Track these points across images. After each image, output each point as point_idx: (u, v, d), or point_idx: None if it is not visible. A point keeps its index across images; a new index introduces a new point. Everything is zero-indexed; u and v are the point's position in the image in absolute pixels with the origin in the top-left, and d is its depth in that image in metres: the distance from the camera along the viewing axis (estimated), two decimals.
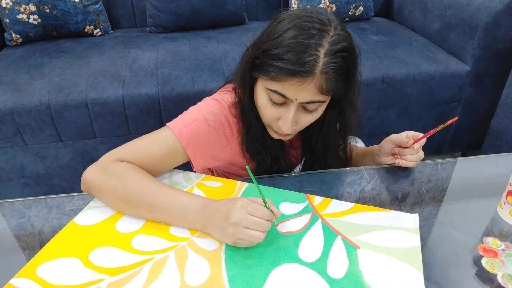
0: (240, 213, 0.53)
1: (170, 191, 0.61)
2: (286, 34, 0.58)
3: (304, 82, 0.58)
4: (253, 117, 0.69)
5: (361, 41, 1.66)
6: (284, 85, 0.59)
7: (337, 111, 0.70)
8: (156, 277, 0.51)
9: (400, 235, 0.59)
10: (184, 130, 0.66)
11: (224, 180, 0.72)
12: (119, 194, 0.61)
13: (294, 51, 0.56)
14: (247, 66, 0.64)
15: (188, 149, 0.67)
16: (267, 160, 0.75)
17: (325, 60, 0.57)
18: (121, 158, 0.64)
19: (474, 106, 1.61)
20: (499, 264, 0.55)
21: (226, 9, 1.75)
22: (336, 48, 0.58)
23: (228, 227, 0.53)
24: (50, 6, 1.56)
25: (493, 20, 1.40)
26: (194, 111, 0.70)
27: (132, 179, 0.61)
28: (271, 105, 0.63)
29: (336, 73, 0.58)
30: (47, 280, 0.51)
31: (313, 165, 0.83)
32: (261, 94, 0.64)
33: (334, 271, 0.52)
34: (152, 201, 0.60)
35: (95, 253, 0.55)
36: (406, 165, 0.74)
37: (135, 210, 0.61)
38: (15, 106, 1.27)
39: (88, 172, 0.63)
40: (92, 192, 0.64)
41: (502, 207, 0.63)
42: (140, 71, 1.40)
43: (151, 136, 0.67)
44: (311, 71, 0.57)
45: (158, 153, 0.66)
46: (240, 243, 0.54)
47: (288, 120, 0.63)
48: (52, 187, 1.47)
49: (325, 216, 0.63)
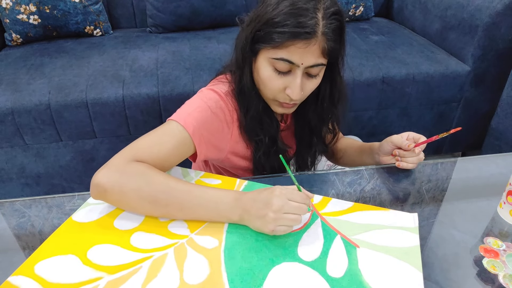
0: (280, 199, 0.55)
1: (200, 187, 0.61)
2: (283, 2, 0.62)
3: (309, 44, 0.61)
4: (254, 95, 0.71)
5: (361, 41, 1.66)
6: (290, 50, 0.62)
7: (329, 81, 0.74)
8: (155, 275, 0.51)
9: (400, 234, 0.59)
10: (188, 119, 0.67)
11: (223, 178, 0.72)
12: (144, 194, 0.59)
13: (295, 16, 0.60)
14: (247, 42, 0.67)
15: (194, 137, 0.67)
16: (265, 141, 0.76)
17: (324, 23, 0.62)
18: (136, 157, 0.62)
19: (474, 106, 1.60)
20: (500, 264, 0.54)
21: (226, 9, 1.75)
22: (330, 11, 0.62)
23: (268, 214, 0.54)
24: (50, 6, 1.56)
25: (493, 20, 1.40)
26: (194, 100, 0.70)
27: (157, 178, 0.60)
28: (277, 75, 0.66)
29: (334, 34, 0.63)
30: (45, 278, 0.51)
31: (309, 142, 0.85)
32: (265, 66, 0.66)
33: (334, 270, 0.52)
34: (183, 199, 0.59)
35: (93, 251, 0.55)
36: (406, 167, 0.74)
37: (163, 209, 0.60)
38: (15, 106, 1.27)
39: (101, 176, 0.59)
40: (108, 197, 0.60)
41: (502, 207, 0.63)
42: (140, 71, 1.40)
43: (158, 132, 0.66)
44: (314, 32, 0.61)
45: (169, 146, 0.65)
46: (279, 229, 0.55)
47: (297, 86, 0.66)
48: (52, 187, 1.47)
49: (325, 215, 0.63)
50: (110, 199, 0.61)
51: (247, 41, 0.67)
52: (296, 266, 0.53)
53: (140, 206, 0.60)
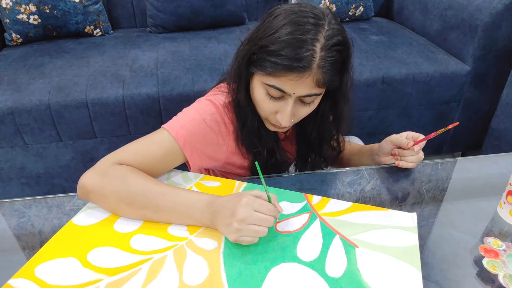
0: (245, 210, 0.53)
1: (175, 190, 0.61)
2: (282, 30, 0.59)
3: (302, 77, 0.59)
4: (249, 111, 0.70)
5: (361, 41, 1.66)
6: (282, 80, 0.60)
7: (331, 102, 0.72)
8: (155, 277, 0.51)
9: (398, 234, 0.59)
10: (180, 131, 0.66)
11: (222, 180, 0.72)
12: (122, 196, 0.60)
13: (291, 47, 0.58)
14: (243, 61, 0.65)
15: (185, 150, 0.67)
16: (263, 153, 0.75)
17: (322, 55, 0.59)
18: (120, 161, 0.63)
19: (474, 106, 1.60)
20: (500, 264, 0.54)
21: (226, 9, 1.75)
22: (331, 42, 0.59)
23: (233, 224, 0.53)
24: (50, 6, 1.56)
25: (493, 20, 1.40)
26: (190, 111, 0.70)
27: (135, 180, 0.61)
28: (269, 99, 0.65)
29: (332, 67, 0.60)
30: (45, 280, 0.51)
31: (308, 156, 0.84)
32: (258, 88, 0.65)
33: (333, 270, 0.52)
34: (158, 202, 0.59)
35: (93, 253, 0.55)
36: (406, 166, 0.74)
37: (140, 211, 0.60)
38: (15, 106, 1.27)
39: (86, 177, 0.61)
40: (91, 197, 0.62)
41: (502, 207, 0.63)
42: (140, 71, 1.40)
43: (148, 138, 0.67)
44: (309, 66, 0.58)
45: (156, 154, 0.66)
46: (243, 240, 0.54)
47: (286, 114, 0.64)
48: (52, 187, 1.47)
49: (324, 215, 0.63)
50: (93, 200, 0.63)
51: (243, 61, 0.65)
52: (295, 266, 0.53)
53: (119, 207, 0.61)
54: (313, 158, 0.83)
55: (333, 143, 0.83)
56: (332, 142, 0.83)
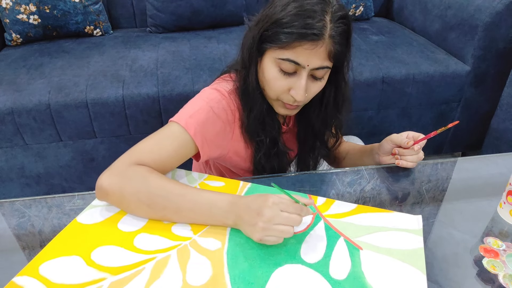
0: (272, 210, 0.54)
1: (196, 190, 0.61)
2: (292, 4, 0.62)
3: (316, 46, 0.62)
4: (258, 95, 0.71)
5: (361, 41, 1.66)
6: (296, 51, 0.63)
7: (334, 85, 0.75)
8: (158, 277, 0.51)
9: (403, 237, 0.59)
10: (190, 121, 0.67)
11: (226, 180, 0.72)
12: (142, 198, 0.60)
13: (303, 17, 0.61)
14: (254, 40, 0.67)
15: (196, 139, 0.67)
16: (266, 142, 0.76)
17: (331, 26, 0.62)
18: (137, 161, 0.63)
19: (474, 106, 1.61)
20: (500, 264, 0.55)
21: (226, 9, 1.75)
22: (338, 15, 0.63)
23: (258, 223, 0.54)
24: (50, 6, 1.56)
25: (493, 20, 1.40)
26: (197, 101, 0.70)
27: (155, 182, 0.61)
28: (282, 76, 0.66)
29: (341, 37, 0.64)
30: (49, 278, 0.51)
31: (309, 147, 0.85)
32: (270, 67, 0.67)
33: (337, 272, 0.52)
34: (178, 202, 0.60)
35: (97, 252, 0.55)
36: (406, 165, 0.74)
37: (160, 212, 0.60)
38: (15, 106, 1.27)
39: (104, 179, 0.61)
40: (109, 199, 0.62)
41: (502, 207, 0.64)
42: (140, 71, 1.40)
43: (159, 134, 0.67)
44: (321, 34, 0.61)
45: (170, 148, 0.66)
46: (267, 239, 0.54)
47: (301, 87, 0.66)
48: (52, 187, 1.47)
49: (328, 217, 0.63)
50: (112, 201, 0.63)
51: (254, 40, 0.67)
52: (299, 268, 0.53)
53: (139, 209, 0.61)
54: (318, 146, 0.85)
55: (332, 130, 0.86)
56: (332, 129, 0.86)
